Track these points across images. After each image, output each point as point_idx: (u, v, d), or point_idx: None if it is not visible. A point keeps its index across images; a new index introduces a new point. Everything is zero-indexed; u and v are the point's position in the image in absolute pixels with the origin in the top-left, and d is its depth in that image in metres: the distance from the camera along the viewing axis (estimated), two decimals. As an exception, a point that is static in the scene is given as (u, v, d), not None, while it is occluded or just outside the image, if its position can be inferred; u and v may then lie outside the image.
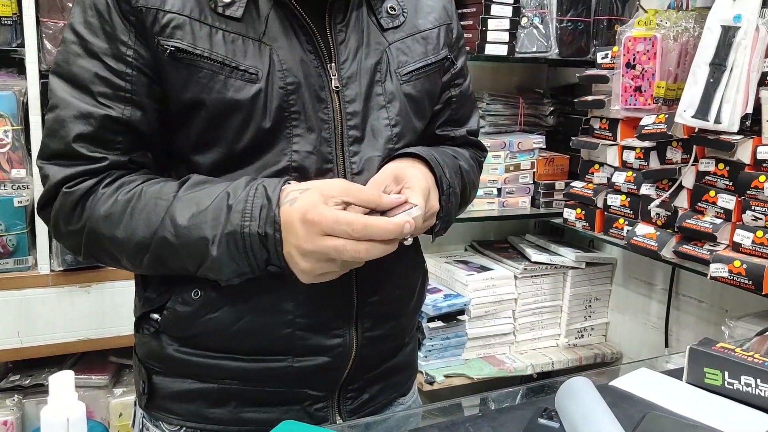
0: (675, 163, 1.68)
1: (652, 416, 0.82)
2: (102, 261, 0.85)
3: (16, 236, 1.72)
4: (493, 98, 2.20)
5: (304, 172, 0.83)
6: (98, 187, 0.80)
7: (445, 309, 1.98)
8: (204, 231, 0.76)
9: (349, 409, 0.92)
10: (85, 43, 0.79)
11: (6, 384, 1.85)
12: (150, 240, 0.78)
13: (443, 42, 0.95)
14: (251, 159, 0.82)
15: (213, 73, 0.79)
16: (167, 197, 0.78)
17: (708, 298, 1.93)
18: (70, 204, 0.80)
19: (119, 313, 1.79)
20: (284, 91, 0.81)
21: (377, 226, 0.72)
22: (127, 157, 0.82)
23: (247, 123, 0.81)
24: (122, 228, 0.79)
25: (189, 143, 0.83)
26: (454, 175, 0.91)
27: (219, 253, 0.76)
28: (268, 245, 0.75)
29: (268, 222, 0.74)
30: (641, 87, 1.72)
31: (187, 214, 0.77)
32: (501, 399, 0.93)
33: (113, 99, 0.79)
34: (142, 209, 0.78)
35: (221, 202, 0.76)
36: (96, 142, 0.80)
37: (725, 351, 0.91)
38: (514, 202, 2.18)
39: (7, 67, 1.83)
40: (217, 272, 0.78)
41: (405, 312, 0.96)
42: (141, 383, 0.92)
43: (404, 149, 0.89)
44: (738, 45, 1.45)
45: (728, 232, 1.53)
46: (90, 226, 0.80)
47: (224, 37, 0.80)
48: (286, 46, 0.82)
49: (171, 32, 0.78)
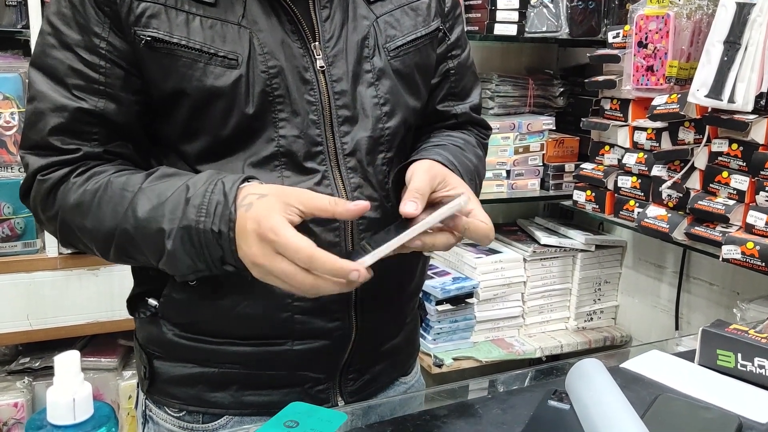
0: (687, 143, 1.65)
1: (665, 398, 0.82)
2: (78, 249, 0.85)
3: (24, 219, 1.72)
4: (502, 79, 2.18)
5: (292, 157, 0.81)
6: (70, 176, 0.79)
7: (453, 292, 1.97)
8: (161, 224, 0.74)
9: (351, 390, 0.91)
10: (59, 35, 0.78)
11: (16, 366, 1.86)
12: (114, 231, 0.77)
13: (434, 12, 0.92)
14: (238, 146, 0.81)
15: (192, 61, 0.77)
16: (133, 188, 0.77)
17: (719, 281, 1.92)
18: (44, 192, 0.80)
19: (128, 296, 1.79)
20: (266, 75, 0.79)
21: (323, 262, 0.66)
22: (102, 148, 0.81)
23: (230, 110, 0.79)
24: (90, 218, 0.78)
25: (175, 132, 0.82)
26: (470, 183, 0.87)
27: (174, 248, 0.74)
28: (222, 243, 0.72)
29: (222, 220, 0.71)
30: (653, 66, 1.70)
31: (147, 206, 0.75)
32: (510, 381, 0.92)
33: (87, 91, 0.78)
34: (108, 200, 0.77)
35: (180, 195, 0.74)
36: (70, 134, 0.79)
37: (738, 333, 0.90)
38: (524, 184, 2.16)
39: (12, 49, 1.82)
40: (173, 267, 0.76)
41: (405, 293, 0.95)
42: (142, 368, 0.92)
43: (423, 156, 0.84)
44: (753, 22, 1.42)
45: (741, 213, 1.51)
46: (61, 215, 0.80)
47: (201, 23, 0.78)
48: (266, 28, 0.80)
49: (146, 21, 0.77)
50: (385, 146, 0.87)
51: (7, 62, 1.76)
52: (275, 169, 0.81)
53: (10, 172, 1.70)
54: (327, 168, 0.83)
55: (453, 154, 0.88)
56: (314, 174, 0.82)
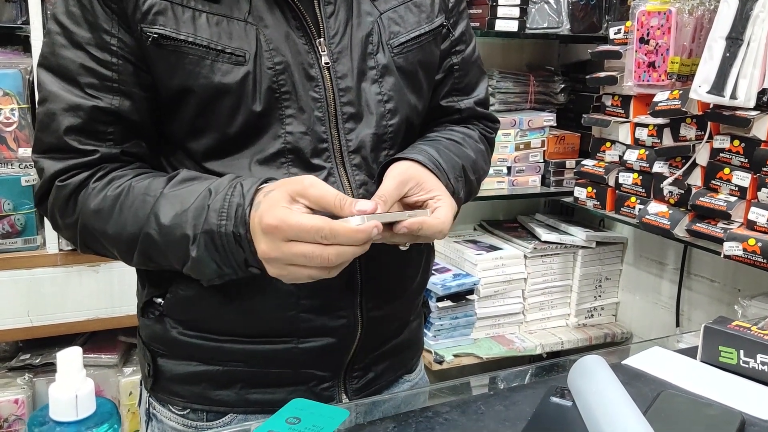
0: (689, 140, 1.65)
1: (667, 395, 0.81)
2: (99, 254, 0.84)
3: (24, 215, 1.71)
4: (503, 75, 2.17)
5: (299, 154, 0.81)
6: (89, 181, 0.79)
7: (454, 289, 1.97)
8: (185, 230, 0.74)
9: (355, 387, 0.91)
10: (69, 34, 0.78)
11: (17, 363, 1.86)
12: (137, 236, 0.77)
13: (438, 8, 0.91)
14: (246, 143, 0.80)
15: (199, 58, 0.77)
16: (154, 193, 0.77)
17: (720, 278, 1.92)
18: (63, 197, 0.79)
19: (128, 293, 1.78)
20: (273, 72, 0.79)
21: (344, 230, 0.68)
22: (119, 149, 0.80)
23: (237, 107, 0.78)
24: (112, 223, 0.78)
25: (182, 129, 0.82)
26: (456, 181, 0.87)
27: (199, 253, 0.74)
28: (243, 245, 0.72)
29: (240, 221, 0.72)
30: (655, 63, 1.69)
31: (171, 213, 0.75)
32: (511, 378, 0.92)
33: (101, 89, 0.78)
34: (130, 205, 0.77)
35: (203, 200, 0.74)
36: (87, 134, 0.78)
37: (741, 329, 0.89)
38: (524, 180, 2.16)
39: (12, 45, 1.81)
40: (199, 272, 0.76)
41: (410, 290, 0.95)
42: (146, 366, 0.91)
43: (406, 154, 0.84)
44: (756, 18, 1.42)
45: (743, 210, 1.51)
46: (82, 220, 0.79)
47: (208, 19, 0.77)
48: (272, 24, 0.79)
49: (153, 18, 0.76)
50: (389, 143, 0.87)
51: (6, 58, 1.76)
52: (282, 166, 0.81)
53: (10, 168, 1.70)
54: (332, 165, 0.83)
55: (441, 152, 0.88)
56: (320, 171, 0.82)
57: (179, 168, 0.83)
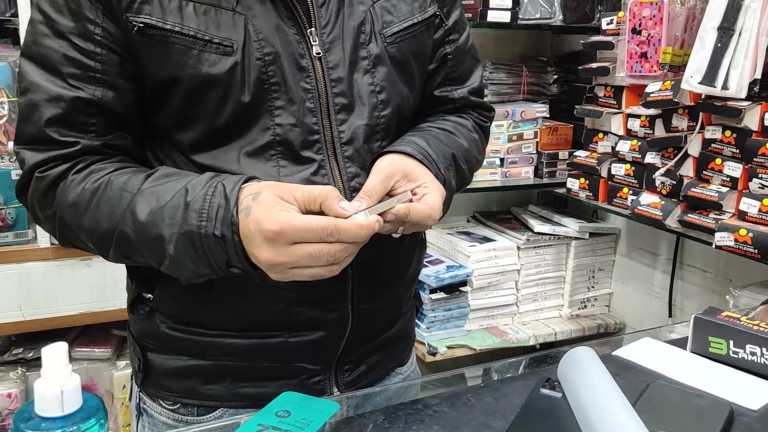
0: (681, 130, 1.65)
1: (656, 385, 0.82)
2: (79, 248, 0.83)
3: (15, 209, 1.70)
4: (495, 66, 2.17)
5: (289, 146, 0.80)
6: (69, 173, 0.78)
7: (447, 280, 1.97)
8: (161, 229, 0.73)
9: (347, 381, 0.91)
10: (51, 23, 0.76)
11: (9, 357, 1.86)
12: (113, 232, 0.76)
13: None
14: (234, 135, 0.79)
15: (186, 48, 0.76)
16: (132, 189, 0.75)
17: (712, 268, 1.92)
18: (42, 189, 0.78)
19: (120, 286, 1.76)
20: (262, 63, 0.78)
21: (348, 227, 0.68)
22: (101, 141, 0.79)
23: (225, 98, 0.77)
24: (88, 217, 0.76)
25: (169, 121, 0.80)
26: (447, 171, 0.87)
27: (176, 253, 0.72)
28: (227, 247, 0.70)
29: (224, 223, 0.70)
30: (647, 53, 1.69)
31: (147, 210, 0.74)
32: (503, 369, 0.92)
33: (83, 80, 0.76)
34: (107, 200, 0.76)
35: (179, 199, 0.73)
36: (68, 126, 0.77)
37: (730, 320, 0.90)
38: (517, 172, 2.16)
39: (1, 38, 1.80)
40: (176, 271, 0.75)
41: (401, 283, 0.94)
42: (136, 361, 0.91)
43: (394, 147, 0.84)
44: (747, 8, 1.41)
45: (734, 200, 1.51)
46: (59, 213, 0.78)
47: (195, 8, 0.76)
48: (261, 13, 0.78)
49: (139, 7, 0.75)
50: (381, 134, 0.86)
51: (-5, 51, 1.74)
52: (271, 159, 0.80)
53: (0, 162, 1.69)
54: (324, 157, 0.82)
55: (431, 141, 0.87)
56: (311, 163, 0.81)
57: (166, 161, 0.82)
